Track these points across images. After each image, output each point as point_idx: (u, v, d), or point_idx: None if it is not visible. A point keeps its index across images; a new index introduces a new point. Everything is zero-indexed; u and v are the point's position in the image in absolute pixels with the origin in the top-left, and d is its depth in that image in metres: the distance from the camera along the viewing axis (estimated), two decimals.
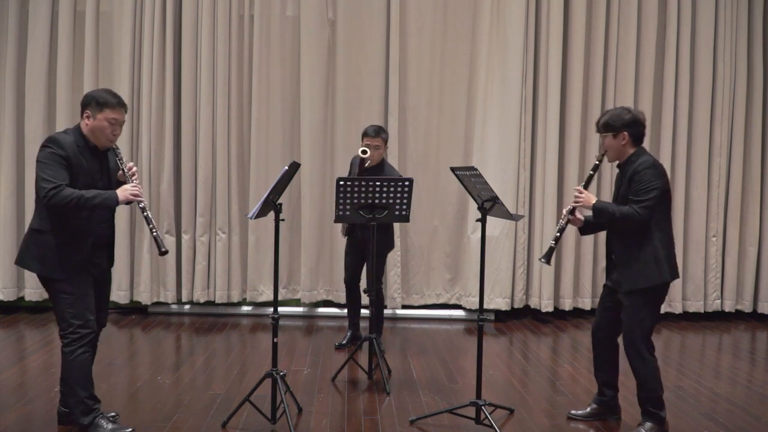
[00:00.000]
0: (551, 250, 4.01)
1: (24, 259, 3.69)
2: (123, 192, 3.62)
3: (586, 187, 4.01)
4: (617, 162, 4.00)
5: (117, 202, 3.60)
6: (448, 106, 6.83)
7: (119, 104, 3.66)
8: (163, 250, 3.70)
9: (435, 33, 6.79)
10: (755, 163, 6.97)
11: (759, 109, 6.94)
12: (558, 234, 4.02)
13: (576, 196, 3.97)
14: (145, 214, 3.71)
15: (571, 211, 4.01)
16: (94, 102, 3.62)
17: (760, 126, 6.96)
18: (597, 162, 4.01)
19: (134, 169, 3.75)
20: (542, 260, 4.04)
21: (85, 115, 3.64)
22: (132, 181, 3.69)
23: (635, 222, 3.76)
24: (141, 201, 3.68)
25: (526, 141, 6.77)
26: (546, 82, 6.74)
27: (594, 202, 3.91)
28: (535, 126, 6.84)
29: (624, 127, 3.88)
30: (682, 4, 6.78)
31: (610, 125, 3.90)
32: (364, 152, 5.14)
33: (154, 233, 3.73)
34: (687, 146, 6.88)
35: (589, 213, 3.99)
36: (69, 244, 3.60)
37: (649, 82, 6.82)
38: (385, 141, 5.33)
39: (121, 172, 3.77)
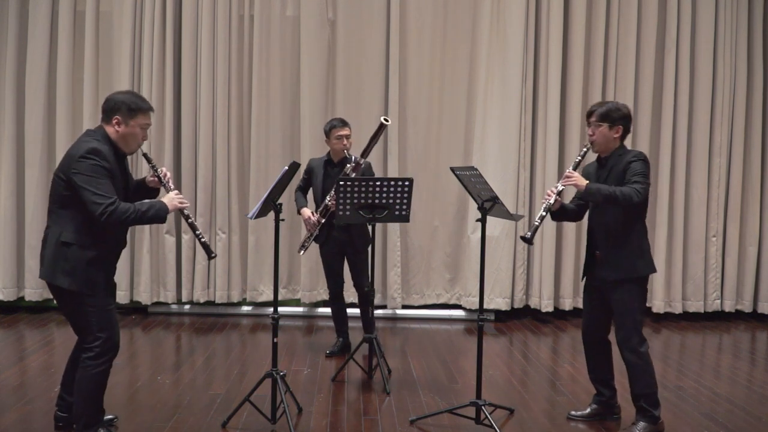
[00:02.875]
0: (536, 228, 3.92)
1: (54, 274, 3.41)
2: (170, 202, 3.56)
3: (574, 170, 3.92)
4: (598, 155, 4.00)
5: (167, 213, 3.53)
6: (448, 106, 6.82)
7: (150, 108, 3.56)
8: (213, 255, 3.79)
9: (435, 33, 6.78)
10: (755, 163, 6.97)
11: (759, 109, 6.94)
12: (544, 213, 3.92)
13: (567, 177, 3.87)
14: (190, 221, 3.72)
15: (559, 192, 3.95)
16: (125, 108, 3.46)
17: (760, 126, 6.95)
18: (585, 149, 3.96)
19: (168, 175, 3.75)
20: (526, 238, 3.90)
21: (114, 121, 3.46)
22: (170, 187, 3.67)
23: (633, 202, 3.70)
24: (187, 208, 3.67)
25: (526, 141, 6.77)
26: (546, 82, 6.74)
27: (586, 182, 3.84)
28: (535, 126, 6.84)
29: (621, 120, 3.90)
30: (682, 4, 6.78)
31: (608, 116, 3.89)
32: (387, 120, 4.86)
33: (202, 239, 3.74)
34: (687, 146, 6.87)
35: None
36: (101, 257, 3.46)
37: (649, 82, 6.82)
38: None
39: (155, 178, 3.72)
